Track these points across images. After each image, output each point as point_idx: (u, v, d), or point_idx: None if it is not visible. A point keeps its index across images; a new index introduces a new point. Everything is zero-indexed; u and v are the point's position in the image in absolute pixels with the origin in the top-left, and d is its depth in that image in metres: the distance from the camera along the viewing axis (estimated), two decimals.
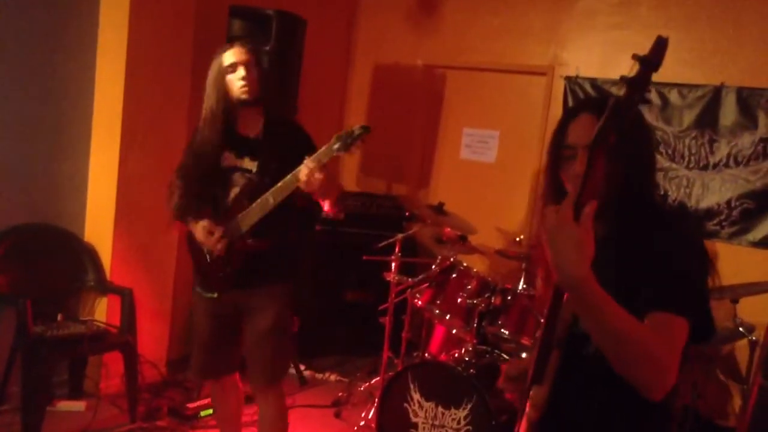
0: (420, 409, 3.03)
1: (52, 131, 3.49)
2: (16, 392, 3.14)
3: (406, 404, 3.06)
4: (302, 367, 4.20)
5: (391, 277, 3.57)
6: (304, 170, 2.28)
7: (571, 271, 1.19)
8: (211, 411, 3.34)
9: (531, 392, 1.47)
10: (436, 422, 2.98)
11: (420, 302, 3.38)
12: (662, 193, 3.95)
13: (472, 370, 2.99)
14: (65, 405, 3.38)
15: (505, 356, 3.22)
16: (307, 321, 4.34)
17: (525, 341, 3.13)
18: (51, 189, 3.52)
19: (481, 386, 2.90)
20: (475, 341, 3.20)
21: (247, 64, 2.44)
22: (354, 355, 4.53)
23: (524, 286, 3.26)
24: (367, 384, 3.91)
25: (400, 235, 3.73)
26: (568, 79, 4.33)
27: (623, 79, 1.22)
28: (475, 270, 3.33)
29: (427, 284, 3.45)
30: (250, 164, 2.49)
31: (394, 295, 3.64)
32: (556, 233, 1.21)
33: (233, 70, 2.43)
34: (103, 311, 3.56)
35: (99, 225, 3.61)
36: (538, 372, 1.44)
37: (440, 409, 2.98)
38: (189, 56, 3.74)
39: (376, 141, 5.22)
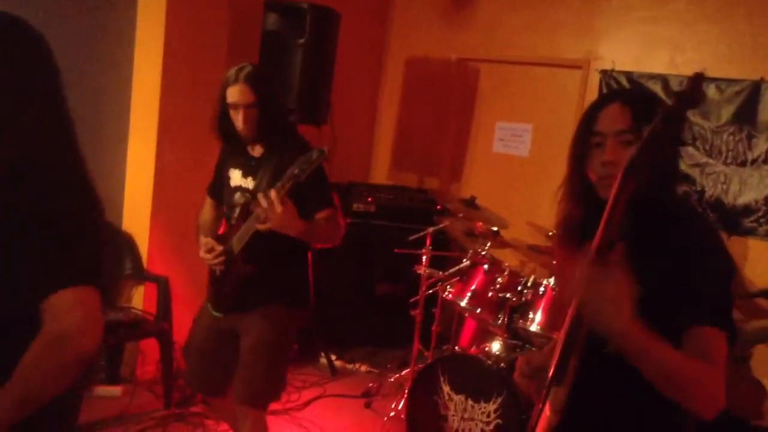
0: (450, 401, 3.05)
1: (90, 123, 3.56)
2: None
3: (435, 396, 3.08)
4: (333, 357, 4.24)
5: (422, 270, 3.58)
6: (262, 202, 2.20)
7: (611, 326, 1.19)
8: None
9: (551, 394, 1.47)
10: (466, 415, 2.99)
11: (450, 296, 3.39)
12: (698, 189, 3.90)
13: (502, 364, 3.00)
14: (102, 390, 3.46)
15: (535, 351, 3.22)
16: (338, 312, 4.39)
17: (556, 336, 3.12)
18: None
19: (511, 380, 2.90)
20: (505, 335, 3.21)
21: (246, 107, 2.36)
22: (384, 346, 4.55)
23: (555, 281, 3.25)
24: (398, 375, 3.94)
25: (431, 229, 3.74)
26: (603, 72, 4.28)
27: (662, 112, 1.19)
28: (506, 264, 3.32)
29: (457, 278, 3.46)
30: (251, 184, 2.47)
31: (425, 288, 3.66)
32: (587, 291, 1.20)
33: (234, 108, 2.38)
34: (139, 299, 3.64)
35: (136, 215, 3.69)
36: (559, 373, 1.44)
37: (470, 402, 2.99)
38: (224, 49, 3.80)
39: (408, 134, 5.28)
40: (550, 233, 4.03)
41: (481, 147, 4.97)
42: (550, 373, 1.50)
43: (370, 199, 4.59)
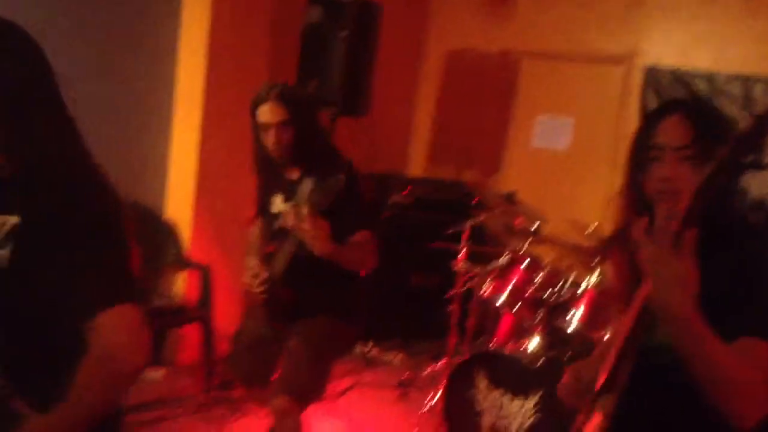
0: (486, 397, 3.06)
1: (134, 111, 3.63)
2: None
3: (472, 392, 3.09)
4: (368, 347, 4.29)
5: (459, 266, 3.58)
6: (290, 218, 2.21)
7: (674, 309, 1.18)
8: None
9: (601, 402, 1.47)
10: (502, 411, 3.00)
11: (488, 293, 3.39)
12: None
13: (539, 362, 3.00)
14: (145, 373, 3.56)
15: (573, 350, 3.21)
16: (373, 302, 4.42)
17: (594, 336, 3.11)
18: (133, 167, 3.68)
19: (548, 378, 2.91)
20: (543, 333, 3.20)
21: (278, 126, 2.30)
22: (418, 337, 4.58)
23: (595, 280, 3.23)
24: (433, 367, 3.96)
25: (468, 223, 3.73)
26: (647, 68, 4.22)
27: (735, 138, 1.16)
28: (545, 262, 3.32)
29: (495, 274, 3.45)
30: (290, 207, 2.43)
31: (462, 284, 3.66)
32: (657, 267, 1.19)
33: (265, 129, 2.33)
34: (181, 285, 3.72)
35: (179, 203, 3.76)
36: (611, 380, 1.43)
37: (507, 398, 3.00)
38: (267, 40, 3.84)
39: (446, 126, 5.27)
40: (590, 230, 4.00)
41: (520, 140, 4.94)
42: (600, 382, 1.51)
43: (406, 191, 4.61)
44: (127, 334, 1.22)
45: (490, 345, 3.63)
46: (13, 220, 1.24)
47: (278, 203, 2.50)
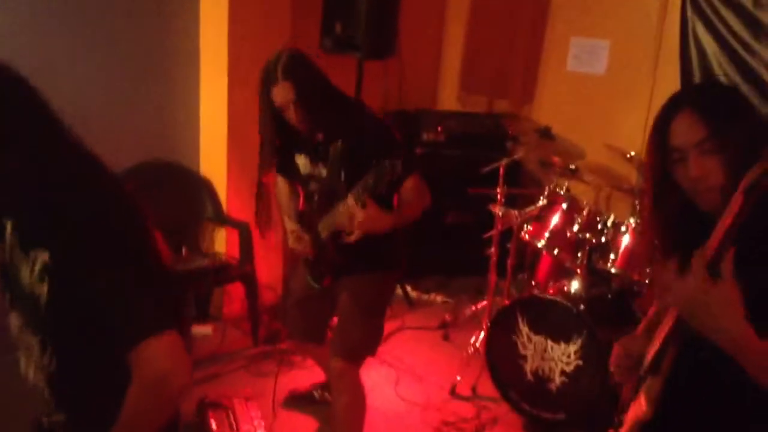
0: (529, 342, 3.09)
1: (162, 73, 3.60)
2: None
3: (514, 336, 3.13)
4: (408, 288, 4.33)
5: (497, 209, 3.54)
6: (343, 212, 2.25)
7: (728, 335, 1.16)
8: None
9: (646, 383, 1.47)
10: (546, 355, 3.04)
11: (527, 236, 3.37)
12: None
13: (582, 306, 3.00)
14: (195, 330, 3.67)
15: (613, 288, 3.20)
16: (410, 243, 4.43)
17: (636, 277, 3.09)
18: (166, 127, 3.68)
19: (591, 322, 2.92)
20: (584, 274, 3.19)
21: (293, 104, 2.29)
22: (457, 275, 4.61)
23: (635, 220, 3.17)
24: (474, 308, 4.00)
25: (504, 160, 3.66)
26: None
27: None
28: (585, 202, 3.26)
29: (533, 217, 3.42)
30: (323, 171, 2.44)
31: (500, 226, 3.63)
32: (702, 303, 1.16)
33: (283, 110, 2.32)
34: (222, 242, 3.78)
35: (213, 159, 3.76)
36: (656, 363, 1.44)
37: (549, 342, 3.03)
38: None
39: (476, 55, 5.09)
40: (629, 155, 3.90)
41: (554, 65, 4.76)
42: (647, 361, 1.51)
43: (439, 129, 4.52)
44: (171, 358, 1.25)
45: (531, 284, 3.65)
46: (45, 256, 1.25)
47: (305, 163, 2.50)
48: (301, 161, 2.51)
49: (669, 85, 3.98)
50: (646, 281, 3.03)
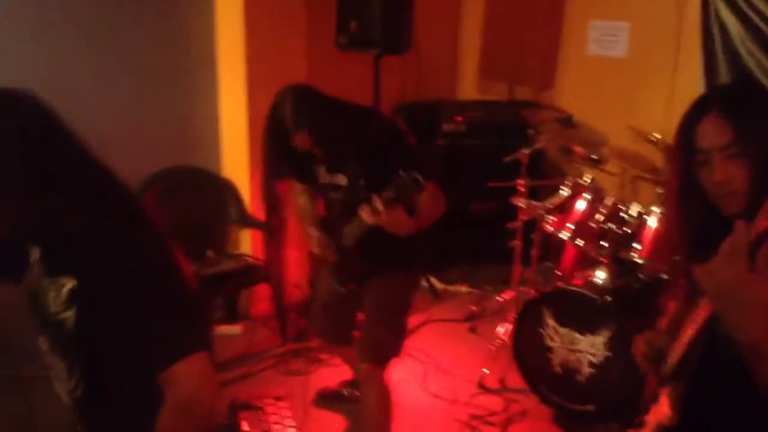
0: (555, 334, 3.08)
1: (180, 78, 3.64)
2: None
3: (541, 329, 3.11)
4: (433, 280, 4.34)
5: (520, 202, 3.52)
6: (366, 209, 2.26)
7: (753, 335, 1.14)
8: None
9: (669, 387, 1.47)
10: (573, 347, 3.03)
11: (551, 228, 3.35)
12: None
13: (608, 297, 2.98)
14: (224, 329, 3.72)
15: (639, 277, 3.16)
16: (434, 233, 4.43)
17: (659, 266, 3.05)
18: (186, 131, 3.71)
19: (618, 314, 2.90)
20: (609, 264, 3.16)
21: (312, 145, 2.39)
22: (481, 264, 4.60)
23: (659, 210, 3.13)
24: (500, 298, 3.99)
25: (525, 150, 3.63)
26: None
27: None
28: (608, 191, 3.23)
29: (556, 208, 3.39)
30: (343, 180, 2.48)
31: (523, 217, 3.61)
32: (732, 298, 1.14)
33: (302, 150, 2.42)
34: (247, 243, 3.81)
35: (234, 161, 3.79)
36: (681, 369, 1.43)
37: (576, 335, 3.02)
38: None
39: (494, 42, 5.03)
40: (652, 137, 3.85)
41: (573, 49, 4.69)
42: (670, 366, 1.50)
43: (460, 119, 4.50)
44: (200, 380, 1.28)
45: (557, 275, 3.62)
46: (71, 282, 1.28)
47: (323, 173, 2.54)
48: (319, 170, 2.54)
49: (691, 65, 3.92)
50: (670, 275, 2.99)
